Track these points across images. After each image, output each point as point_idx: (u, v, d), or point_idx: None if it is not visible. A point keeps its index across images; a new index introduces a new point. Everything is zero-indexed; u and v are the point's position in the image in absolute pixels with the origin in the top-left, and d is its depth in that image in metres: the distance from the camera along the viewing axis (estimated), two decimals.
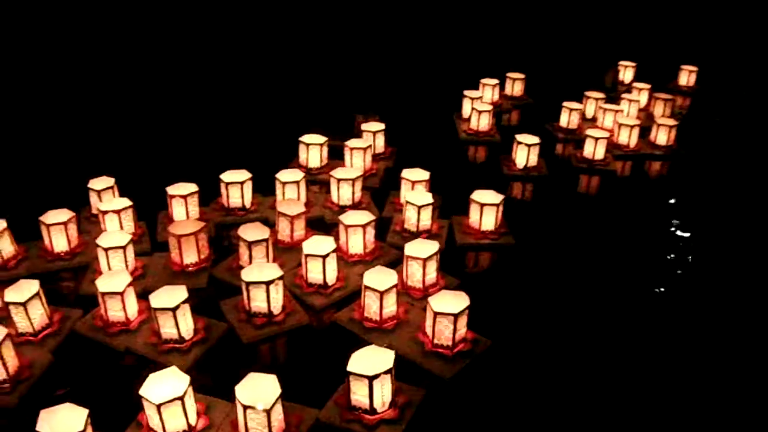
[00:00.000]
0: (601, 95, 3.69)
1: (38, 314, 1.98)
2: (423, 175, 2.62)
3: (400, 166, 2.80)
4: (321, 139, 2.98)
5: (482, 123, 3.44)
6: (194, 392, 1.65)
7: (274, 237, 2.39)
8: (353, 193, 2.64)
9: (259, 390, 1.56)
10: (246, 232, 2.23)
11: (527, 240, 2.50)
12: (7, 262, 2.30)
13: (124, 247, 2.18)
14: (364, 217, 2.31)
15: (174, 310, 1.86)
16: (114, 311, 1.99)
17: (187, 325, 1.92)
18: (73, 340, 2.00)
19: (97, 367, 1.91)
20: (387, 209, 2.68)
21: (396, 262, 2.27)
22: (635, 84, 3.90)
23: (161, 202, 2.57)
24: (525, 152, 3.02)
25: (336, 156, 3.03)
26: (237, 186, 2.59)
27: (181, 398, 1.56)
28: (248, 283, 1.98)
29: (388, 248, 2.40)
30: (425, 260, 2.08)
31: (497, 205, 2.43)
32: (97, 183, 2.52)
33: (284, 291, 2.06)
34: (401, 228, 2.48)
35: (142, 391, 1.57)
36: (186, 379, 1.61)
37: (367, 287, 1.96)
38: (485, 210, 2.43)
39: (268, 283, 1.96)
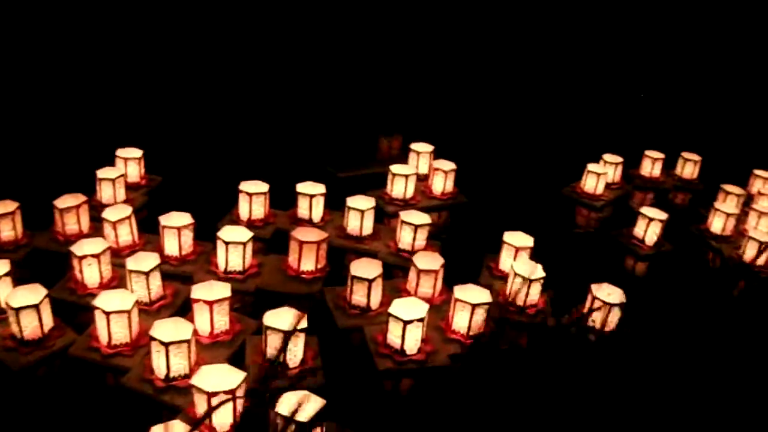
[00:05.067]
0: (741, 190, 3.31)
1: (156, 285, 2.09)
2: (527, 240, 2.42)
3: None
4: (410, 169, 3.01)
5: (589, 184, 3.28)
6: None
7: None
8: (414, 239, 2.53)
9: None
10: (357, 267, 2.21)
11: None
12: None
13: (244, 244, 2.27)
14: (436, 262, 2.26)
15: (288, 334, 1.80)
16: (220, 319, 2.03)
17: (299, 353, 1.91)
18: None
19: None
20: (484, 275, 2.48)
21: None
22: None
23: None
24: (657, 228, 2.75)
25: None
26: (358, 213, 2.60)
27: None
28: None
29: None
30: None
31: (612, 306, 2.18)
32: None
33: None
34: (504, 300, 2.27)
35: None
36: None
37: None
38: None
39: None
